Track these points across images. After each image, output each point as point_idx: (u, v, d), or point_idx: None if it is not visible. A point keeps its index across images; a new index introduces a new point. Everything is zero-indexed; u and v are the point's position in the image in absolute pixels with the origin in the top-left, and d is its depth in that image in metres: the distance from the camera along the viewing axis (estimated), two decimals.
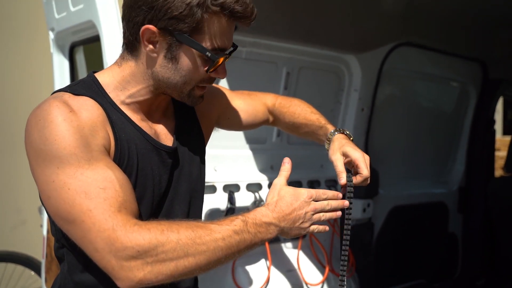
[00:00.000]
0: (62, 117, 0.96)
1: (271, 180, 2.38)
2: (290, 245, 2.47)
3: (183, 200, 1.21)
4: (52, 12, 2.44)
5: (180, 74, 1.08)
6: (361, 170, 1.21)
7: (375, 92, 2.70)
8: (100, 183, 0.94)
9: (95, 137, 0.99)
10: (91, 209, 0.92)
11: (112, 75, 1.12)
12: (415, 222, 3.08)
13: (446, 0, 2.57)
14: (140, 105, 1.14)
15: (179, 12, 1.00)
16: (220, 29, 1.04)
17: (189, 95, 1.13)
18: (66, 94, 1.04)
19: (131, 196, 0.99)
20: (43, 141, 0.95)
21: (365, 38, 2.54)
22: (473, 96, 3.29)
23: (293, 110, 1.48)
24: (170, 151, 1.16)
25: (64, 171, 0.94)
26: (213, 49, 1.06)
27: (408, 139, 3.06)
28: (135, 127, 1.10)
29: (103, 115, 1.05)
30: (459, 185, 3.32)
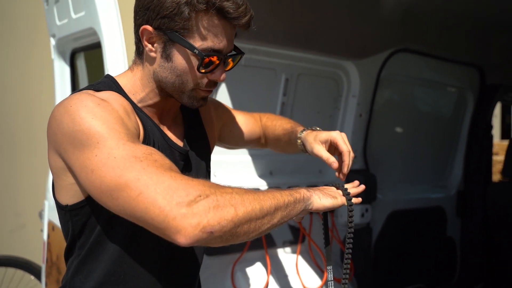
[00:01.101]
0: (94, 103, 0.98)
1: (270, 185, 2.39)
2: (289, 250, 2.48)
3: None
4: (54, 19, 2.46)
5: (175, 74, 1.10)
6: (340, 148, 1.26)
7: (373, 98, 2.72)
8: (145, 150, 0.94)
9: (130, 120, 1.04)
10: (144, 167, 0.89)
11: (127, 79, 1.17)
12: (414, 227, 3.09)
13: (444, 7, 2.60)
14: (151, 108, 1.18)
15: (169, 11, 1.03)
16: (211, 28, 1.05)
17: (189, 96, 1.14)
18: (90, 90, 1.08)
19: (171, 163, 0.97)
20: (79, 121, 0.95)
21: (363, 45, 2.56)
22: (471, 101, 3.31)
23: (274, 123, 1.53)
24: (183, 152, 1.20)
25: (106, 144, 0.92)
26: (205, 49, 1.06)
27: (406, 144, 3.08)
28: (154, 124, 1.15)
29: (130, 106, 1.10)
30: (457, 189, 3.34)
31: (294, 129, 1.42)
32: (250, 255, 2.29)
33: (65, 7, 2.31)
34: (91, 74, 2.71)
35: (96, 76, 2.70)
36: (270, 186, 2.39)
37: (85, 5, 2.10)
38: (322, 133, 1.31)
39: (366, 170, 2.76)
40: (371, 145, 2.81)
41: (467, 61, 3.15)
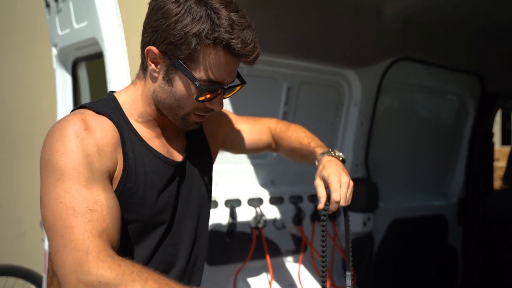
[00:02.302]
0: (75, 134, 1.02)
1: (272, 195, 2.39)
2: (291, 259, 2.48)
3: (193, 215, 1.27)
4: (55, 29, 2.47)
5: (174, 98, 1.12)
6: (334, 197, 1.23)
7: (374, 106, 2.72)
8: (90, 204, 0.96)
9: (102, 158, 1.04)
10: (74, 226, 0.93)
11: (128, 94, 1.19)
12: (415, 235, 3.09)
13: (444, 16, 2.61)
14: (152, 122, 1.19)
15: (176, 39, 1.05)
16: (216, 63, 1.06)
17: (183, 119, 1.16)
18: (87, 111, 1.11)
19: (116, 225, 1.00)
20: (53, 152, 1.00)
21: (365, 54, 2.57)
22: (472, 109, 3.31)
23: (289, 135, 1.52)
24: (179, 165, 1.22)
25: (62, 184, 0.97)
26: (206, 80, 1.08)
27: (407, 152, 3.08)
28: (145, 146, 1.16)
29: (116, 137, 1.10)
30: (459, 197, 3.33)
31: (312, 148, 1.41)
32: (252, 264, 2.28)
33: (67, 17, 2.32)
34: (93, 84, 2.71)
35: (98, 86, 2.71)
36: (272, 196, 2.39)
37: (88, 15, 2.11)
38: (327, 169, 1.27)
39: (367, 178, 2.76)
40: (372, 153, 2.81)
41: (468, 69, 3.16)
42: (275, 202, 2.42)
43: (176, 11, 1.04)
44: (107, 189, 1.02)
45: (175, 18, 1.04)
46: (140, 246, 1.15)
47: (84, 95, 2.70)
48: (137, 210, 1.12)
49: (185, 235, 1.25)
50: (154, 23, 1.08)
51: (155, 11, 1.08)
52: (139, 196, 1.12)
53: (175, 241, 1.22)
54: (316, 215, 2.51)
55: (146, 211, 1.14)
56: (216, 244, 2.16)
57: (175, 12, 1.04)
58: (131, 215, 1.12)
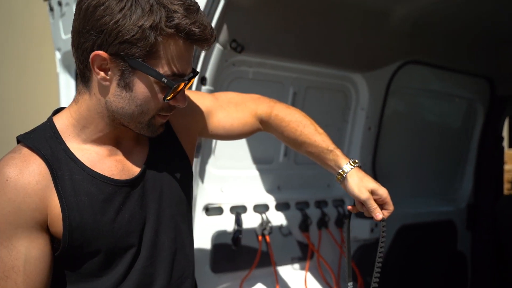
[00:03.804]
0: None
1: (278, 201, 2.35)
2: (297, 267, 2.43)
3: (168, 227, 1.16)
4: (59, 33, 2.45)
5: (135, 103, 1.02)
6: (389, 207, 1.25)
7: (382, 111, 2.68)
8: (6, 270, 0.97)
9: (25, 211, 0.98)
10: None
11: (70, 114, 1.07)
12: (423, 241, 3.03)
13: (452, 18, 2.57)
14: (104, 139, 1.09)
15: (130, 35, 0.94)
16: (178, 53, 0.98)
17: (148, 125, 1.06)
18: (23, 149, 1.02)
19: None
20: None
21: (372, 57, 2.53)
22: (481, 113, 3.26)
23: (294, 126, 1.36)
24: (135, 181, 1.10)
25: None
26: (170, 75, 0.99)
27: (415, 157, 3.03)
28: (88, 173, 1.05)
29: (45, 179, 1.00)
30: (468, 202, 3.28)
31: (332, 148, 1.31)
32: (258, 272, 2.24)
33: (71, 21, 2.29)
34: None
35: None
36: (278, 202, 2.35)
37: None
38: (370, 181, 1.24)
39: None
40: (380, 158, 2.76)
41: (477, 72, 3.11)
42: (281, 208, 2.38)
43: (121, 5, 0.93)
44: (32, 245, 0.98)
45: (122, 13, 0.93)
46: (110, 272, 1.08)
47: None
48: (94, 243, 1.04)
49: (162, 251, 1.14)
50: (96, 23, 0.94)
51: (91, 10, 0.94)
52: (91, 230, 1.03)
53: (150, 260, 1.12)
54: (323, 222, 2.47)
55: (104, 242, 1.05)
56: (221, 251, 2.13)
57: (120, 7, 0.93)
58: (89, 249, 1.04)
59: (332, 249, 2.52)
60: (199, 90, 1.91)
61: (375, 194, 1.23)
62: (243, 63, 2.13)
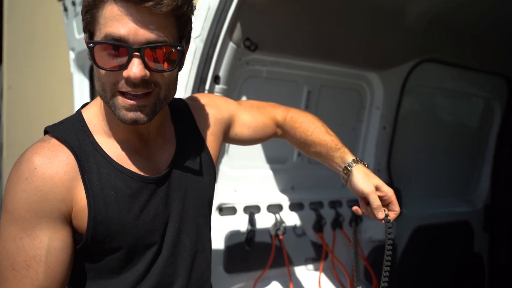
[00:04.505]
0: (25, 175, 0.96)
1: (292, 201, 2.33)
2: (311, 267, 2.41)
3: (191, 227, 1.15)
4: (73, 33, 2.46)
5: (97, 80, 0.97)
6: (395, 207, 1.19)
7: (397, 110, 2.64)
8: (28, 259, 0.96)
9: (50, 202, 0.97)
10: (9, 279, 0.95)
11: (96, 105, 1.07)
12: (439, 242, 2.99)
13: (468, 16, 2.52)
14: (128, 133, 1.07)
15: (82, 11, 0.95)
16: (111, 15, 0.92)
17: (114, 107, 0.98)
18: (51, 140, 1.01)
19: (54, 280, 0.98)
20: (7, 192, 0.98)
21: (387, 56, 2.49)
22: (498, 112, 3.20)
23: (305, 126, 1.38)
24: (161, 180, 1.09)
25: (10, 228, 0.96)
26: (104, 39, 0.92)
27: (431, 156, 2.99)
28: (115, 168, 1.03)
29: (73, 170, 0.99)
30: (484, 203, 3.22)
31: (340, 146, 1.30)
32: (272, 272, 2.23)
33: None
34: None
35: None
36: (292, 202, 2.33)
37: None
38: (376, 178, 1.20)
39: (390, 184, 2.67)
40: (395, 158, 2.73)
41: (494, 71, 3.05)
42: (295, 208, 2.36)
43: None
44: (54, 236, 0.97)
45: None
46: (130, 270, 1.06)
47: None
48: (116, 239, 1.03)
49: (183, 252, 1.13)
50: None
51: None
52: (115, 225, 1.02)
53: (171, 260, 1.11)
54: (337, 222, 2.44)
55: (127, 239, 1.04)
56: (235, 252, 2.11)
57: None
58: (111, 244, 1.03)
59: (346, 250, 2.49)
60: (212, 89, 1.90)
61: (380, 191, 1.19)
62: (257, 62, 2.11)
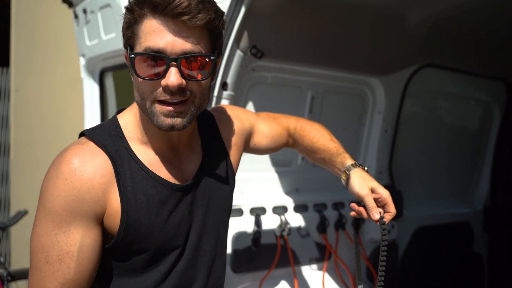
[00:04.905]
0: (65, 175, 1.02)
1: (296, 202, 2.40)
2: (315, 267, 2.48)
3: (211, 233, 1.22)
4: (84, 39, 2.53)
5: (137, 90, 1.05)
6: (390, 209, 1.25)
7: (398, 114, 2.71)
8: (62, 254, 1.02)
9: (87, 202, 1.03)
10: (42, 271, 1.02)
11: (132, 112, 1.14)
12: (440, 243, 3.05)
13: (468, 23, 2.59)
14: (159, 142, 1.13)
15: (123, 28, 1.04)
16: (150, 29, 0.99)
17: (152, 115, 1.04)
18: (88, 143, 1.08)
19: (83, 275, 1.04)
20: (45, 189, 1.04)
21: (389, 61, 2.56)
22: (497, 115, 3.26)
23: (312, 134, 1.47)
24: (188, 188, 1.16)
25: (46, 223, 1.02)
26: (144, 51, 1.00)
27: (432, 159, 3.05)
28: (148, 174, 1.10)
29: (109, 174, 1.06)
30: (484, 204, 3.29)
31: (341, 152, 1.39)
32: (277, 272, 2.29)
33: (95, 29, 2.37)
34: (119, 93, 2.76)
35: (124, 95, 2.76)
36: (297, 204, 2.40)
37: (116, 27, 2.16)
38: (373, 181, 1.28)
39: (391, 186, 2.74)
40: (396, 161, 2.79)
41: (493, 75, 3.12)
42: (300, 210, 2.42)
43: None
44: (87, 234, 1.04)
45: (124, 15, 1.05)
46: (153, 270, 1.13)
47: (111, 104, 2.75)
48: (145, 241, 1.10)
49: (203, 256, 1.20)
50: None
51: None
52: (145, 228, 1.09)
53: (192, 263, 1.18)
54: (340, 223, 2.51)
55: (155, 241, 1.11)
56: (242, 252, 2.18)
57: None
58: (140, 246, 1.10)
59: (349, 250, 2.56)
60: (220, 95, 1.97)
61: (375, 193, 1.25)
62: (263, 69, 2.18)
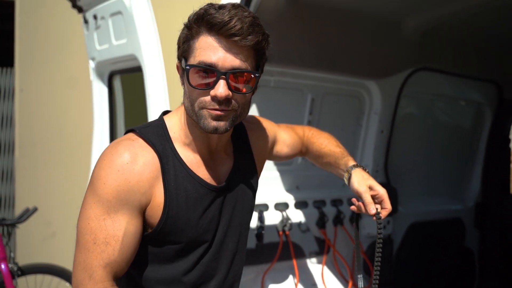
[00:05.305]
0: (117, 167, 1.15)
1: (297, 199, 2.53)
2: (315, 260, 2.61)
3: (235, 232, 1.36)
4: (93, 43, 2.64)
5: (187, 97, 1.19)
6: (386, 205, 1.38)
7: (394, 115, 2.84)
8: (108, 237, 1.13)
9: (135, 193, 1.16)
10: (90, 251, 1.13)
11: (177, 115, 1.28)
12: (433, 238, 3.19)
13: (460, 28, 2.72)
14: (200, 144, 1.26)
15: (180, 40, 1.19)
16: (204, 44, 1.13)
17: (199, 117, 1.17)
18: (138, 139, 1.21)
19: (124, 259, 1.16)
20: (97, 177, 1.16)
21: (385, 65, 2.69)
22: (489, 116, 3.40)
23: (321, 141, 1.64)
24: (221, 189, 1.30)
25: (96, 208, 1.14)
26: (198, 64, 1.14)
27: (426, 158, 3.19)
28: (188, 173, 1.23)
29: (157, 170, 1.19)
30: (476, 201, 3.42)
31: (345, 155, 1.53)
32: (279, 265, 2.42)
33: (106, 34, 2.48)
34: (127, 94, 2.88)
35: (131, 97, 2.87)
36: (298, 201, 2.53)
37: (127, 33, 2.27)
38: (371, 179, 1.41)
39: (387, 183, 2.87)
40: (392, 159, 2.92)
41: (485, 78, 3.25)
42: (300, 206, 2.55)
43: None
44: (131, 222, 1.16)
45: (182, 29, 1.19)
46: (182, 260, 1.26)
47: (119, 106, 2.87)
48: (181, 234, 1.23)
49: (226, 251, 1.33)
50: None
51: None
52: (182, 222, 1.22)
53: (216, 256, 1.31)
54: (338, 219, 2.64)
55: (189, 234, 1.24)
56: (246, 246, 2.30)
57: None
58: (175, 237, 1.23)
59: (347, 244, 2.69)
60: None
61: (373, 190, 1.39)
62: (266, 73, 2.27)
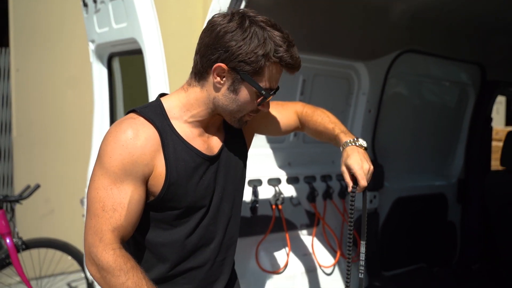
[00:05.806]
0: (122, 142, 1.28)
1: (289, 175, 2.68)
2: (305, 232, 2.78)
3: (229, 197, 1.51)
4: (93, 26, 2.73)
5: (236, 104, 1.37)
6: (360, 182, 1.48)
7: (381, 95, 2.98)
8: (115, 204, 1.27)
9: (138, 165, 1.29)
10: (99, 217, 1.27)
11: (178, 98, 1.42)
12: (417, 212, 3.36)
13: (447, 12, 2.84)
14: (199, 122, 1.43)
15: (248, 57, 1.29)
16: (275, 75, 1.35)
17: (239, 120, 1.43)
18: (139, 118, 1.34)
19: (130, 224, 1.30)
20: (104, 152, 1.30)
21: (373, 47, 2.82)
22: (472, 96, 3.55)
23: (315, 119, 1.73)
24: (215, 158, 1.45)
25: (103, 179, 1.28)
26: (266, 89, 1.35)
27: (411, 136, 3.34)
28: (186, 145, 1.38)
29: (157, 143, 1.33)
30: (458, 178, 3.60)
31: (336, 133, 1.63)
32: (272, 236, 2.58)
33: (106, 17, 2.58)
34: (125, 76, 2.98)
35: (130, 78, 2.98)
36: (290, 176, 2.68)
37: (127, 17, 2.37)
38: (351, 158, 1.49)
39: (374, 160, 3.03)
40: (379, 138, 3.08)
41: (469, 60, 3.39)
42: (292, 181, 2.70)
43: (244, 36, 1.28)
44: (135, 190, 1.29)
45: (244, 41, 1.28)
46: (183, 225, 1.41)
47: (118, 87, 2.98)
48: (181, 199, 1.37)
49: (222, 215, 1.48)
50: (225, 44, 1.29)
51: (222, 34, 1.29)
52: (182, 188, 1.36)
53: (214, 220, 1.45)
54: (327, 194, 2.80)
55: (188, 199, 1.38)
56: (241, 219, 2.45)
57: (243, 36, 1.28)
58: (176, 203, 1.36)
59: (335, 217, 2.86)
60: None
61: (349, 169, 1.50)
62: None
